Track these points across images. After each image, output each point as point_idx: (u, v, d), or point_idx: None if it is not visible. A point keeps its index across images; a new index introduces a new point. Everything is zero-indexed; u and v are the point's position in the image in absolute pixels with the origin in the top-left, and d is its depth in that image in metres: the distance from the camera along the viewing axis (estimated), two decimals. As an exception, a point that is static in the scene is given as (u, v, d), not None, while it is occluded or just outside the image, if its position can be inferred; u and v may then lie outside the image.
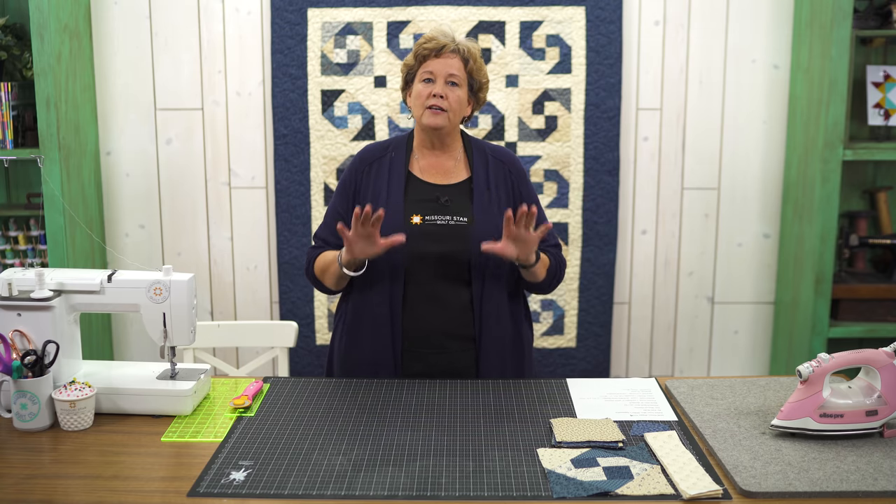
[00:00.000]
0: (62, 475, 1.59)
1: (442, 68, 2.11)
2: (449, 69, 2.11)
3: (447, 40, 2.12)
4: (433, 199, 2.13)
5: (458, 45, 2.13)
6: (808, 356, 3.03)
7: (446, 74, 2.11)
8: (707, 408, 1.87)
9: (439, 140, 2.17)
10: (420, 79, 2.13)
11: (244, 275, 3.35)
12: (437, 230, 2.10)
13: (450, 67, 2.11)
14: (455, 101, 2.12)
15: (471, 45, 2.15)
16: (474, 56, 2.15)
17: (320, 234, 2.23)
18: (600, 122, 3.20)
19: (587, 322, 3.32)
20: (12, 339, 1.82)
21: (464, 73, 2.13)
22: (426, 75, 2.12)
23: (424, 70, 2.12)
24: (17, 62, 3.05)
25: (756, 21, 3.19)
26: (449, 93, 2.10)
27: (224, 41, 3.22)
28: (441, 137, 2.16)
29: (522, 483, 1.55)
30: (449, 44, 2.12)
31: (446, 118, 2.11)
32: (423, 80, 2.12)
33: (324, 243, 2.22)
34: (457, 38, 2.15)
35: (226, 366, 2.59)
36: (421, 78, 2.13)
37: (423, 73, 2.13)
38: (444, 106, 2.10)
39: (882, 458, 1.62)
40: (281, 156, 3.23)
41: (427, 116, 2.11)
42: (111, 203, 3.31)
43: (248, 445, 1.71)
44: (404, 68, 2.20)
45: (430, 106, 2.10)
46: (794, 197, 3.16)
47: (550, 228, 2.07)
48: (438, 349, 2.12)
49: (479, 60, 2.17)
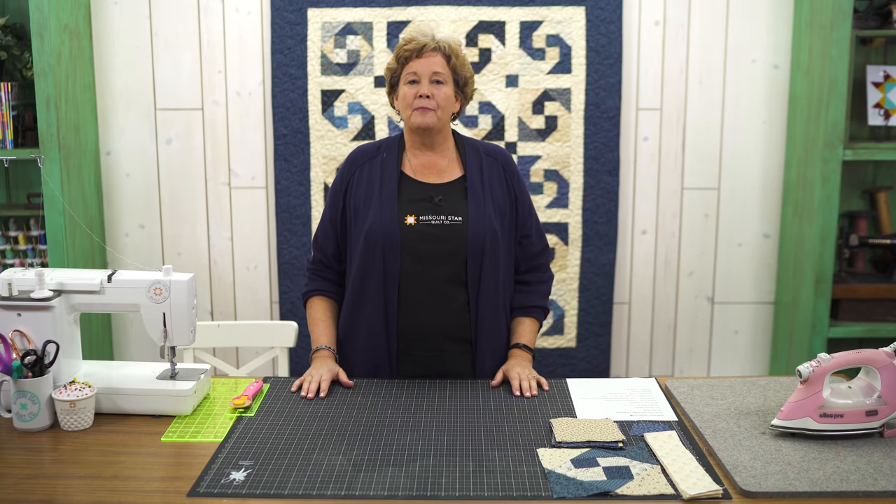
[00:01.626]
0: (62, 475, 1.59)
1: (425, 68, 2.09)
2: (432, 67, 2.09)
3: (427, 39, 2.10)
4: (427, 198, 2.12)
5: (438, 43, 2.11)
6: (808, 356, 3.03)
7: (430, 73, 2.09)
8: (707, 408, 1.87)
9: (430, 139, 2.15)
10: (405, 81, 2.11)
11: (244, 275, 3.35)
12: (431, 230, 2.09)
13: (433, 66, 2.09)
14: (442, 99, 2.10)
15: (451, 41, 2.13)
16: (456, 52, 2.13)
17: (318, 244, 2.24)
18: (600, 122, 3.20)
19: (587, 322, 3.32)
20: (12, 339, 1.82)
21: (447, 69, 2.12)
22: (410, 77, 2.10)
23: (408, 72, 2.11)
24: (17, 62, 3.05)
25: (756, 21, 3.19)
26: (435, 91, 2.09)
27: (224, 41, 3.22)
28: (432, 136, 2.15)
29: (522, 483, 1.55)
30: (429, 42, 2.10)
31: (435, 117, 2.10)
32: (407, 83, 2.11)
33: (321, 258, 2.23)
34: (436, 35, 2.12)
35: (226, 366, 2.59)
36: (405, 80, 2.11)
37: (407, 75, 2.11)
38: (430, 105, 2.08)
39: (882, 458, 1.62)
40: (281, 156, 3.23)
41: (415, 117, 2.10)
42: (111, 203, 3.31)
43: (248, 445, 1.71)
44: (388, 73, 2.18)
45: (418, 107, 2.09)
46: (794, 197, 3.16)
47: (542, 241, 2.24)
48: (435, 351, 2.11)
49: (462, 55, 2.15)
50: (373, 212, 2.10)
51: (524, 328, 2.20)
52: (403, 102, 2.12)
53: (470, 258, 2.09)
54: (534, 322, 2.22)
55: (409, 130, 2.17)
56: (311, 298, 2.22)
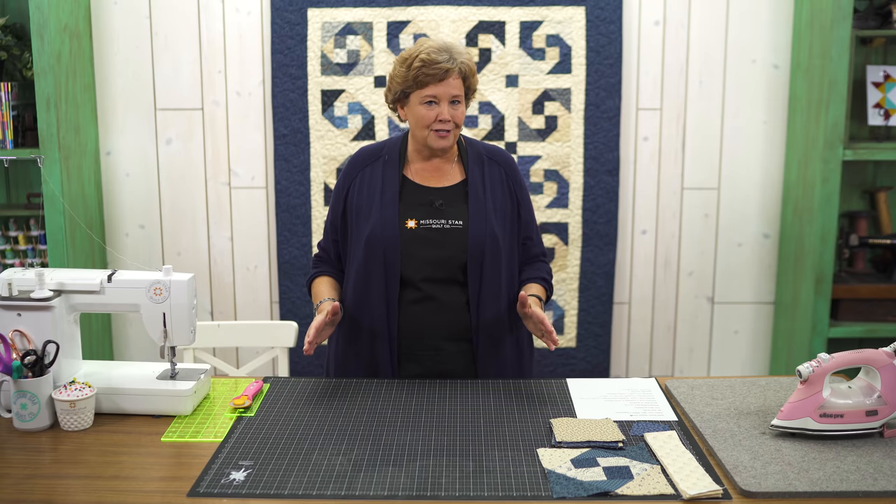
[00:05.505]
0: (62, 475, 1.59)
1: (445, 90, 2.06)
2: (452, 91, 2.07)
3: (449, 64, 2.05)
4: (427, 202, 2.12)
5: (459, 66, 2.07)
6: (808, 356, 3.03)
7: (450, 96, 2.07)
8: (707, 408, 1.87)
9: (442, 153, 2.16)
10: (420, 100, 2.07)
11: (244, 275, 3.35)
12: (432, 234, 2.09)
13: (452, 89, 2.07)
14: (460, 119, 2.10)
15: (469, 61, 2.10)
16: (472, 69, 2.12)
17: (322, 244, 2.28)
18: (600, 122, 3.20)
19: (587, 322, 3.32)
20: (12, 339, 1.82)
21: (463, 88, 2.11)
22: (429, 98, 2.06)
23: (426, 94, 2.06)
24: (17, 62, 3.05)
25: (756, 21, 3.19)
26: (454, 112, 2.08)
27: (224, 41, 3.22)
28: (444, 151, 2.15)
29: (522, 483, 1.55)
30: (452, 69, 2.05)
31: (453, 138, 2.11)
32: (424, 103, 2.07)
33: (325, 253, 2.27)
34: (454, 53, 2.07)
35: (226, 366, 2.59)
36: (422, 100, 2.07)
37: (424, 96, 2.07)
38: (450, 128, 2.08)
39: (882, 458, 1.62)
40: (281, 156, 3.23)
41: (434, 140, 2.09)
42: (111, 203, 3.31)
43: (248, 445, 1.70)
44: (397, 84, 2.10)
45: (437, 129, 2.07)
46: (794, 197, 3.16)
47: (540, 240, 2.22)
48: (435, 352, 2.12)
49: (474, 68, 2.14)
50: (374, 215, 2.10)
51: (534, 288, 2.18)
52: (420, 122, 2.09)
53: (470, 262, 2.09)
54: (541, 288, 2.20)
55: (416, 140, 2.15)
56: (317, 278, 2.24)
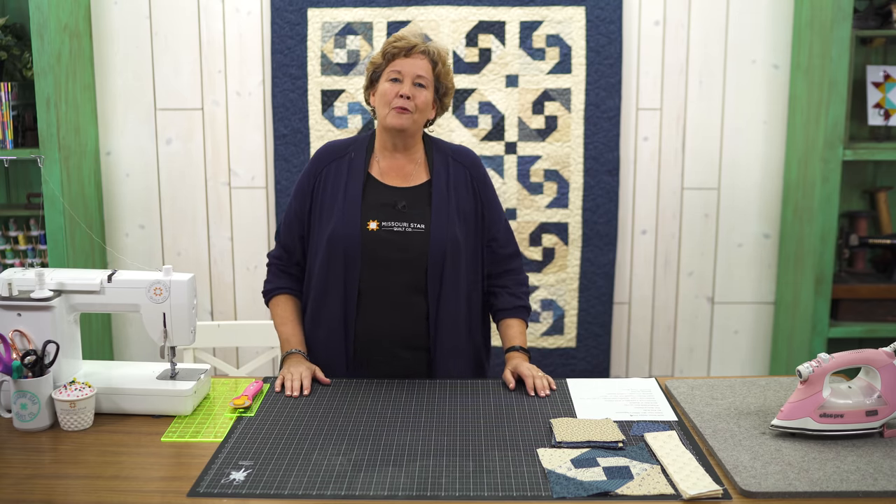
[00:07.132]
0: (62, 475, 1.59)
1: (410, 68, 2.08)
2: (417, 70, 2.08)
3: (417, 40, 2.10)
4: (391, 203, 2.11)
5: (427, 47, 2.11)
6: (808, 356, 3.03)
7: (414, 75, 2.08)
8: (707, 408, 1.87)
9: (402, 141, 2.14)
10: (387, 78, 2.10)
11: (244, 275, 3.35)
12: (393, 237, 2.08)
13: (418, 68, 2.09)
14: (422, 103, 2.09)
15: (440, 49, 2.13)
16: (443, 59, 2.13)
17: (282, 241, 2.21)
18: (600, 122, 3.20)
19: (587, 322, 3.32)
20: (12, 339, 1.82)
21: (431, 75, 2.11)
22: (393, 74, 2.09)
23: (392, 69, 2.09)
24: (17, 62, 3.05)
25: (756, 21, 3.19)
26: (416, 93, 2.08)
27: (224, 41, 3.22)
28: (404, 139, 2.14)
29: (522, 483, 1.55)
30: (419, 44, 2.09)
31: (411, 119, 2.09)
32: (390, 80, 2.09)
33: (280, 260, 2.21)
34: (427, 39, 2.12)
35: (226, 366, 2.59)
36: (388, 77, 2.09)
37: (390, 72, 2.09)
38: (409, 107, 2.07)
39: (882, 458, 1.62)
40: (281, 156, 3.23)
41: (392, 117, 2.08)
42: (111, 203, 3.31)
43: (248, 445, 1.70)
44: (371, 66, 2.16)
45: (397, 106, 2.07)
46: (794, 197, 3.16)
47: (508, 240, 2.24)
48: (390, 356, 2.11)
49: (448, 65, 2.16)
50: (336, 214, 2.09)
51: (514, 331, 2.19)
52: (382, 99, 2.10)
53: (430, 267, 2.08)
54: (521, 323, 2.21)
55: (382, 130, 2.15)
56: (277, 297, 2.21)
